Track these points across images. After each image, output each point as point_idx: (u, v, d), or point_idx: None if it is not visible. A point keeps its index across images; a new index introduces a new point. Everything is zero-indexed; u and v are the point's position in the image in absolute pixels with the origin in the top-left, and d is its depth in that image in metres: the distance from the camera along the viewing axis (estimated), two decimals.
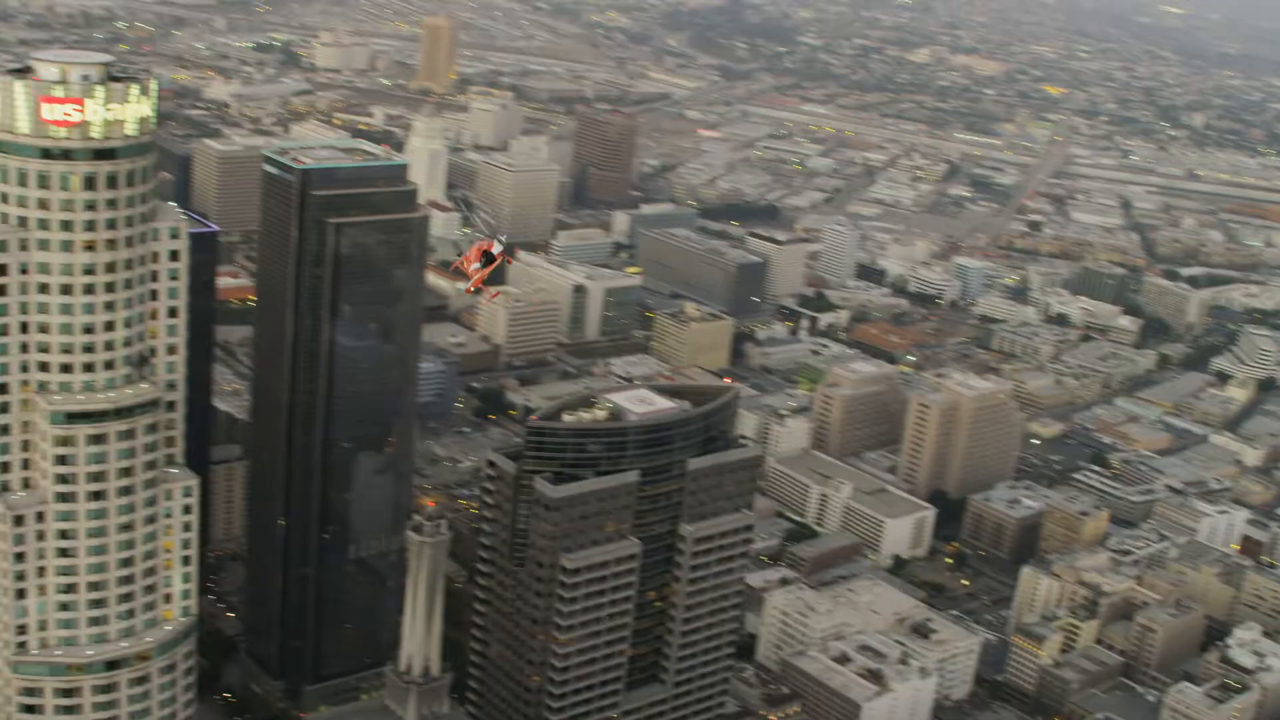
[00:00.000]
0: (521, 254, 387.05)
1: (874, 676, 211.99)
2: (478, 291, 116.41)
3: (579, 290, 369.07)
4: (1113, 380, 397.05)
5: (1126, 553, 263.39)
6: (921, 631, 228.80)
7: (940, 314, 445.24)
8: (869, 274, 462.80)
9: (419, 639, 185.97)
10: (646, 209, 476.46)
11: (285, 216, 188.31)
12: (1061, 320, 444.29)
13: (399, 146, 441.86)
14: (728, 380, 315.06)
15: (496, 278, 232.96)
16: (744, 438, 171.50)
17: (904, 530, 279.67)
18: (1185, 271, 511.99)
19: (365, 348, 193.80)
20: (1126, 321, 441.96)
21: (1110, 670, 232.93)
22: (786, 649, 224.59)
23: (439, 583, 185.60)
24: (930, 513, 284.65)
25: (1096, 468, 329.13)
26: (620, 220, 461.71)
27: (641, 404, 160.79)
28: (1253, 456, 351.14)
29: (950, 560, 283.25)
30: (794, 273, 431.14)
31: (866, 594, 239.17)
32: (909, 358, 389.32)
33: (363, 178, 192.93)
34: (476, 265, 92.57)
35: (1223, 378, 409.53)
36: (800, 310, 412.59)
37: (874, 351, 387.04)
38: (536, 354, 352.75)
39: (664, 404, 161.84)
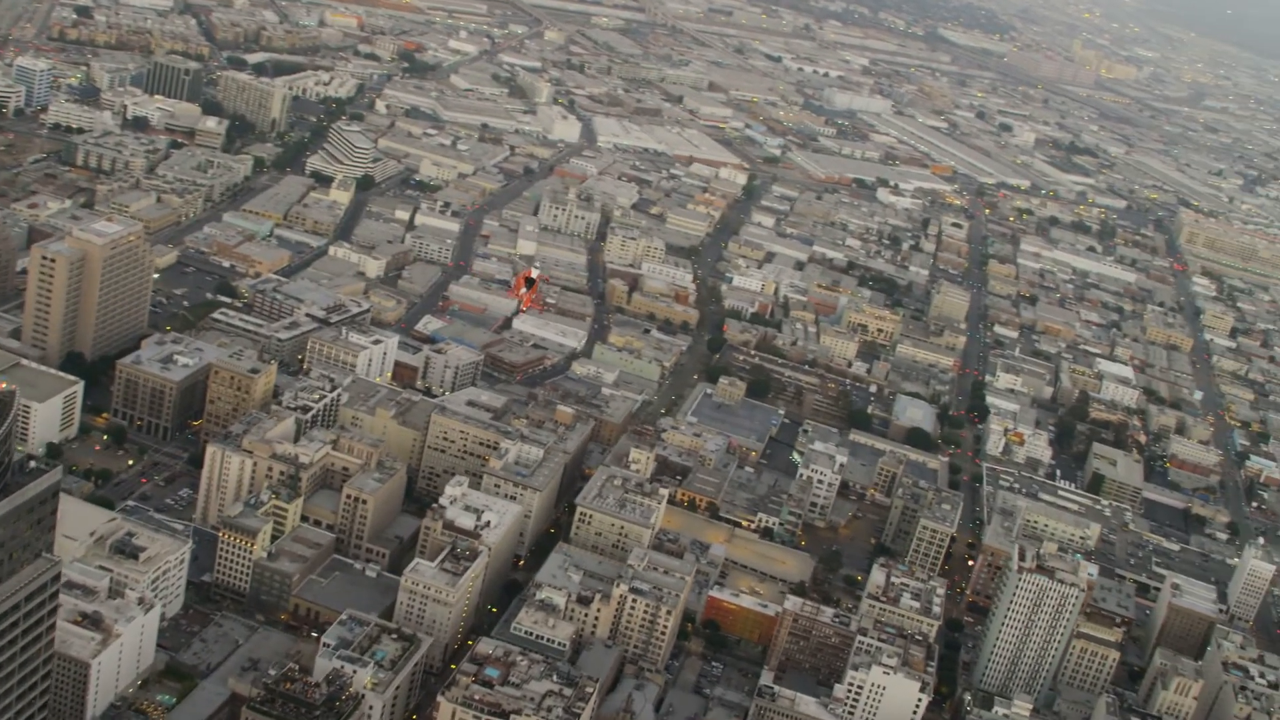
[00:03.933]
0: None
1: (94, 623, 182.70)
2: (528, 309, 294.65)
3: None
4: (214, 193, 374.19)
5: (306, 409, 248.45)
6: (127, 551, 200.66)
7: (8, 127, 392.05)
8: None
9: None
10: None
11: None
12: (141, 124, 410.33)
13: None
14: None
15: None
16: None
17: (54, 412, 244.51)
18: (252, 59, 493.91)
19: None
20: (213, 123, 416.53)
21: (325, 550, 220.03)
22: None
23: None
24: (79, 386, 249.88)
25: (227, 299, 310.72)
26: None
27: None
28: (374, 267, 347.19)
29: (106, 437, 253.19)
30: None
31: None
32: None
33: None
34: (524, 290, 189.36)
35: (321, 179, 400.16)
36: None
37: None
38: None
39: None
